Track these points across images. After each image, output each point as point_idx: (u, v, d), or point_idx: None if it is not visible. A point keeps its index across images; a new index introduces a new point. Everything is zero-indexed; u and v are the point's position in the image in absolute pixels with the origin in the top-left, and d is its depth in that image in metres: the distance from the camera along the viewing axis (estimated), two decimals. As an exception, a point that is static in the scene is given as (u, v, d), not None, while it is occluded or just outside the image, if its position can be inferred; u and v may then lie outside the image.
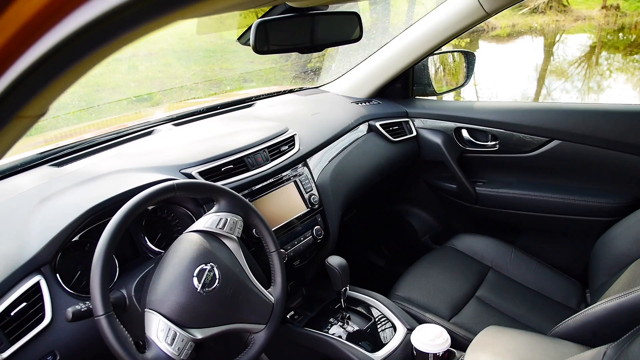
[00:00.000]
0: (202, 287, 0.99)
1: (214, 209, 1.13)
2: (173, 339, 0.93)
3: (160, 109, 2.17)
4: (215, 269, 1.02)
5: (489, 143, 1.94)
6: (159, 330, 0.93)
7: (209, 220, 1.09)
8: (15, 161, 1.32)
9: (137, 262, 1.20)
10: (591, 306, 1.11)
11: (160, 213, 1.31)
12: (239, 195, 1.15)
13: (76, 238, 1.09)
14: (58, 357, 0.96)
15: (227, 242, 1.11)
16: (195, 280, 0.99)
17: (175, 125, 1.66)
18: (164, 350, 0.92)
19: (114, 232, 0.93)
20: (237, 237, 1.12)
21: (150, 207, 1.25)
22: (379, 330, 1.40)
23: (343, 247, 1.72)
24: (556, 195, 1.79)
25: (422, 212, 2.28)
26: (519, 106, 1.87)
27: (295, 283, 1.58)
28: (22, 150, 1.41)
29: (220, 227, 1.09)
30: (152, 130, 1.60)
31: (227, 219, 1.11)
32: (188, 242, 1.04)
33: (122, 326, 0.90)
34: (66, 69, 0.42)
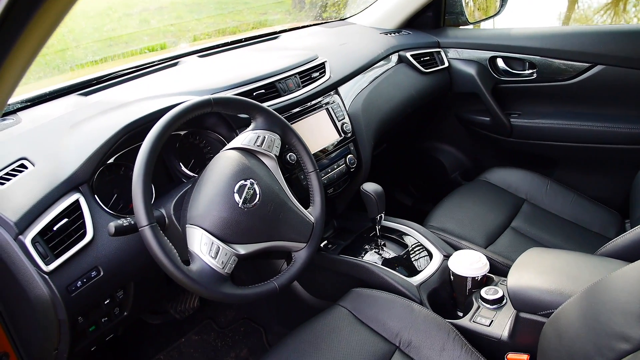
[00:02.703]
0: (243, 202, 0.97)
1: (251, 126, 1.10)
2: (217, 253, 0.92)
3: (184, 43, 2.12)
4: (255, 185, 1.00)
5: (526, 72, 1.85)
6: (202, 244, 0.92)
7: (246, 138, 1.06)
8: (43, 92, 1.30)
9: (172, 186, 1.18)
10: None
11: (192, 139, 1.28)
12: (276, 113, 1.12)
13: (111, 160, 1.08)
14: (102, 273, 0.96)
15: (265, 160, 1.08)
16: (236, 195, 0.97)
17: (201, 57, 1.62)
18: (208, 263, 0.91)
19: (154, 142, 0.90)
20: (275, 155, 1.09)
21: (182, 132, 1.23)
22: (415, 257, 1.38)
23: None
24: (597, 124, 1.72)
25: (452, 148, 2.22)
26: (559, 31, 1.77)
27: (327, 214, 1.57)
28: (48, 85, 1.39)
29: (258, 144, 1.06)
30: (178, 62, 1.57)
31: (264, 137, 1.07)
32: (227, 159, 1.01)
33: (166, 238, 0.89)
34: None
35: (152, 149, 0.90)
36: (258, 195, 0.99)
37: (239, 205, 0.96)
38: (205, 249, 0.92)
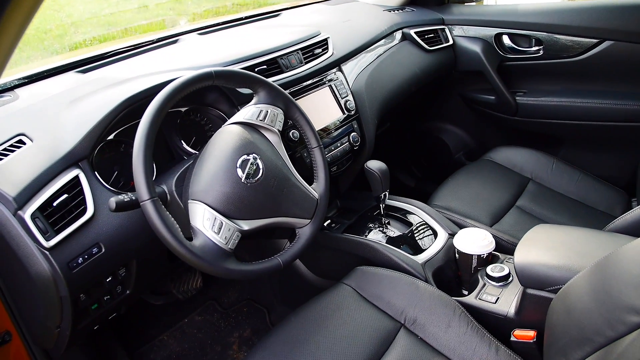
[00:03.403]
0: (246, 177, 0.95)
1: (253, 100, 1.07)
2: (220, 228, 0.90)
3: (183, 21, 2.08)
4: (258, 160, 0.98)
5: (532, 49, 1.81)
6: (204, 219, 0.90)
7: (248, 112, 1.04)
8: (41, 70, 1.28)
9: (173, 163, 1.17)
10: None
11: (193, 116, 1.26)
12: (279, 87, 1.09)
13: (111, 137, 1.06)
14: (103, 249, 0.95)
15: (268, 134, 1.06)
16: (239, 170, 0.95)
17: (201, 35, 1.59)
18: (211, 238, 0.89)
19: (154, 114, 0.88)
20: (278, 130, 1.07)
21: (183, 109, 1.21)
22: (420, 235, 1.37)
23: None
24: (605, 101, 1.69)
25: (456, 129, 2.20)
26: (566, 6, 1.73)
27: (331, 193, 1.55)
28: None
29: (260, 119, 1.04)
30: (177, 40, 1.54)
31: (267, 111, 1.05)
32: (229, 134, 0.99)
33: (168, 212, 0.87)
34: None
35: (153, 121, 0.88)
36: (261, 170, 0.98)
37: (242, 180, 0.95)
38: (208, 224, 0.90)
